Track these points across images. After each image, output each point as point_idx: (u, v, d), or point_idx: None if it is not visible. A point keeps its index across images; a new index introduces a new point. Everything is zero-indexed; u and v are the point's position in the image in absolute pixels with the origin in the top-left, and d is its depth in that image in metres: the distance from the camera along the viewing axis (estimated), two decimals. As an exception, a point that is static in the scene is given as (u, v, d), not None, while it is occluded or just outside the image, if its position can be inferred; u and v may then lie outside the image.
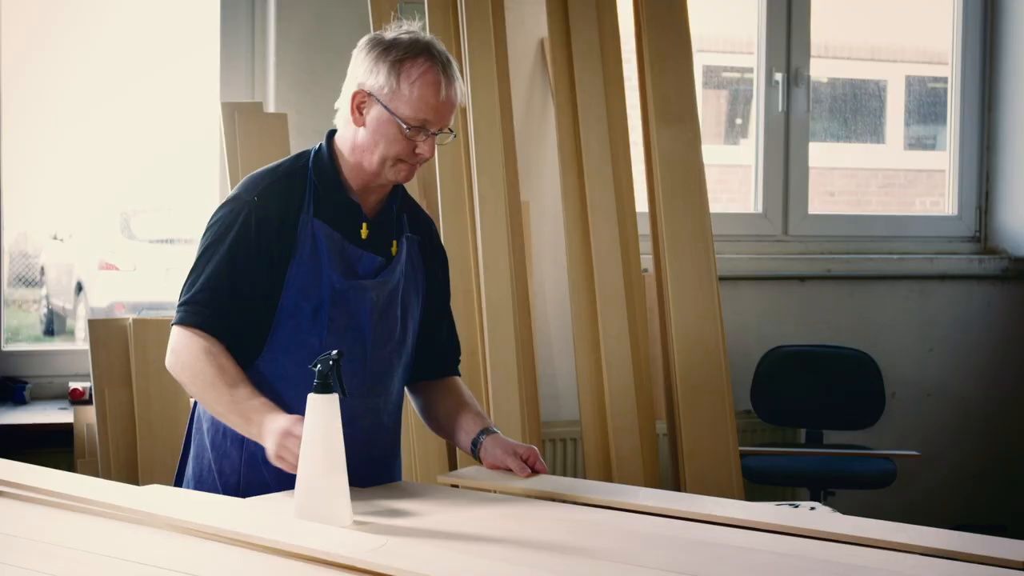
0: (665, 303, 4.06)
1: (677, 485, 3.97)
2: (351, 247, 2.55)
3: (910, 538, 2.14)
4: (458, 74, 2.54)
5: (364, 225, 2.59)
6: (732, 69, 5.31)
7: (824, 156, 5.20)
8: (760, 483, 4.33)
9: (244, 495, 2.49)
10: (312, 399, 2.18)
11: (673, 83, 4.12)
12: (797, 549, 2.08)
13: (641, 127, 4.18)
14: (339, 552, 1.96)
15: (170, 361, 2.50)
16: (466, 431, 2.67)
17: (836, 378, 4.66)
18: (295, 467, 2.25)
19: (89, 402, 3.91)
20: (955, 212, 5.30)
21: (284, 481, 2.52)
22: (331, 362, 2.17)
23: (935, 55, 5.53)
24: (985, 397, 5.17)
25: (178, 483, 2.69)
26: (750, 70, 5.05)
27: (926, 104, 5.49)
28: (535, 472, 2.57)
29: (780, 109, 4.95)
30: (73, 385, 4.04)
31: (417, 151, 2.50)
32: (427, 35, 2.56)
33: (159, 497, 2.32)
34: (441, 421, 2.75)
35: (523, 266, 3.99)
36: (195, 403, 2.68)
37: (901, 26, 5.45)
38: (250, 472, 2.56)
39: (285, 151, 3.96)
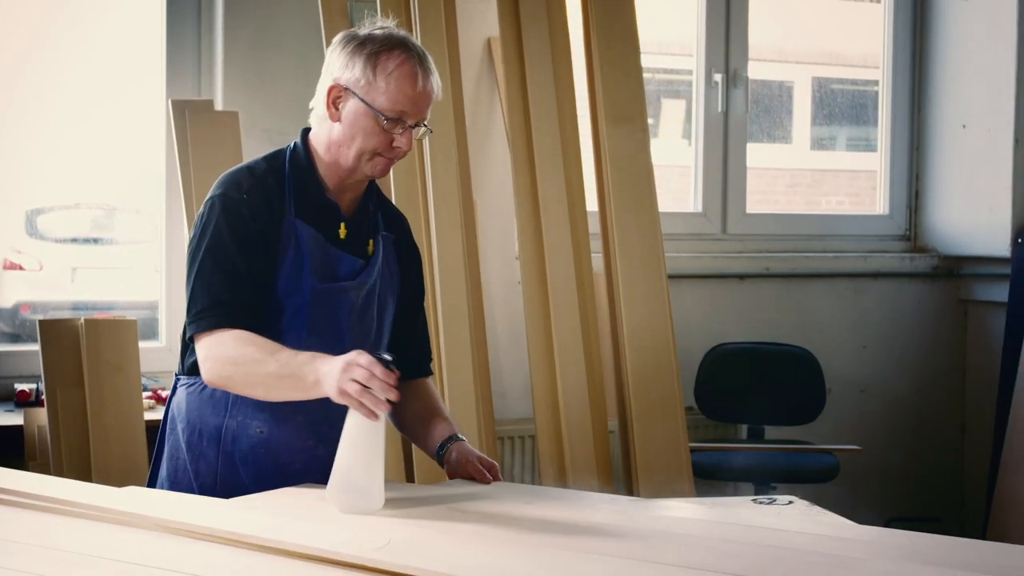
0: (616, 302, 4.09)
1: (629, 482, 4.01)
2: (332, 248, 2.55)
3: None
4: (434, 67, 2.54)
5: (343, 225, 2.58)
6: (663, 71, 5.36)
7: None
8: (705, 478, 4.38)
9: (220, 495, 2.47)
10: None
11: (622, 83, 4.15)
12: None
13: (591, 127, 4.21)
14: (344, 551, 1.97)
15: (207, 369, 2.44)
16: (433, 437, 2.67)
17: (778, 375, 4.74)
18: (361, 395, 2.24)
19: (37, 403, 3.85)
20: (886, 211, 5.41)
21: (261, 481, 2.52)
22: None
23: (842, 57, 5.65)
24: (916, 392, 5.29)
25: (151, 484, 2.66)
26: (681, 71, 5.12)
27: (832, 105, 5.61)
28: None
29: (720, 110, 5.01)
30: (20, 387, 3.97)
31: (395, 144, 2.50)
32: (402, 31, 2.56)
33: (148, 499, 2.30)
34: (407, 423, 2.75)
35: (476, 265, 4.00)
36: (169, 402, 2.66)
37: (808, 29, 5.54)
38: (227, 472, 2.55)
39: (237, 149, 3.93)
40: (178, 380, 2.64)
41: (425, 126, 2.54)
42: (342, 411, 2.52)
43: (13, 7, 4.24)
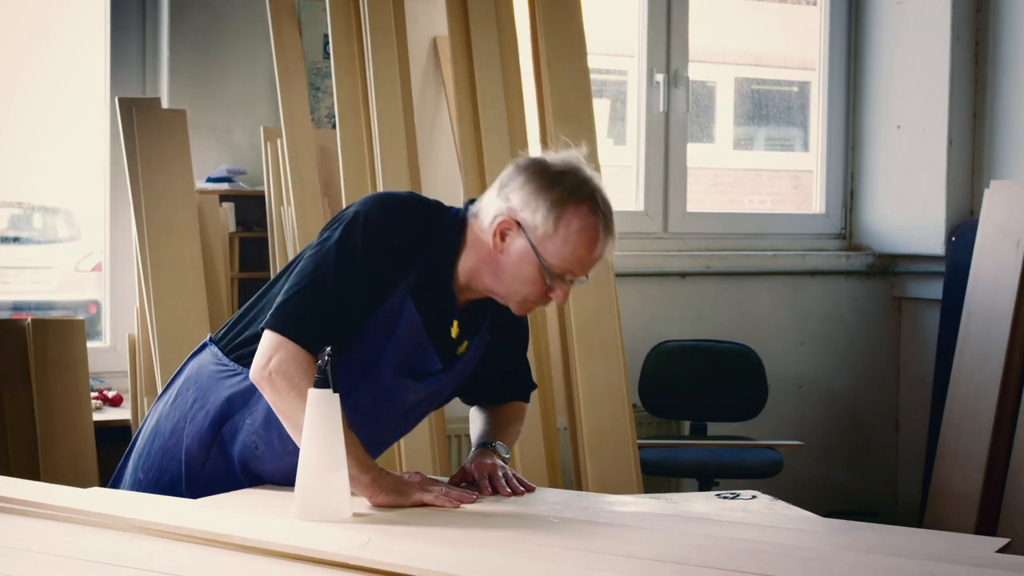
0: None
1: (578, 479, 4.04)
2: (423, 341, 2.38)
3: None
4: (615, 227, 2.36)
5: (455, 323, 2.40)
6: (601, 71, 5.41)
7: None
8: (651, 474, 4.42)
9: (205, 476, 2.46)
10: (312, 394, 2.18)
11: (570, 82, 4.18)
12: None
13: (538, 126, 4.23)
14: (326, 549, 1.97)
15: (272, 369, 2.27)
16: (489, 433, 2.59)
17: (721, 372, 4.80)
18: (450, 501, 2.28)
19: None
20: (823, 210, 5.50)
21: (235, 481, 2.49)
22: (327, 357, 2.17)
23: (763, 58, 5.75)
24: (852, 388, 5.39)
25: (128, 453, 2.61)
26: (608, 71, 5.17)
27: (754, 106, 5.71)
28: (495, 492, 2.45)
29: (661, 109, 5.06)
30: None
31: (550, 296, 2.36)
32: (590, 170, 2.37)
33: (120, 500, 2.28)
34: (484, 415, 2.66)
35: (426, 264, 4.00)
36: (186, 370, 2.54)
37: (732, 30, 5.62)
38: (217, 460, 2.48)
39: (186, 147, 3.91)
40: (207, 346, 2.51)
41: (584, 279, 2.38)
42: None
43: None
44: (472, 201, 2.43)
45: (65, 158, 4.43)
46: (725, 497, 2.58)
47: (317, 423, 2.22)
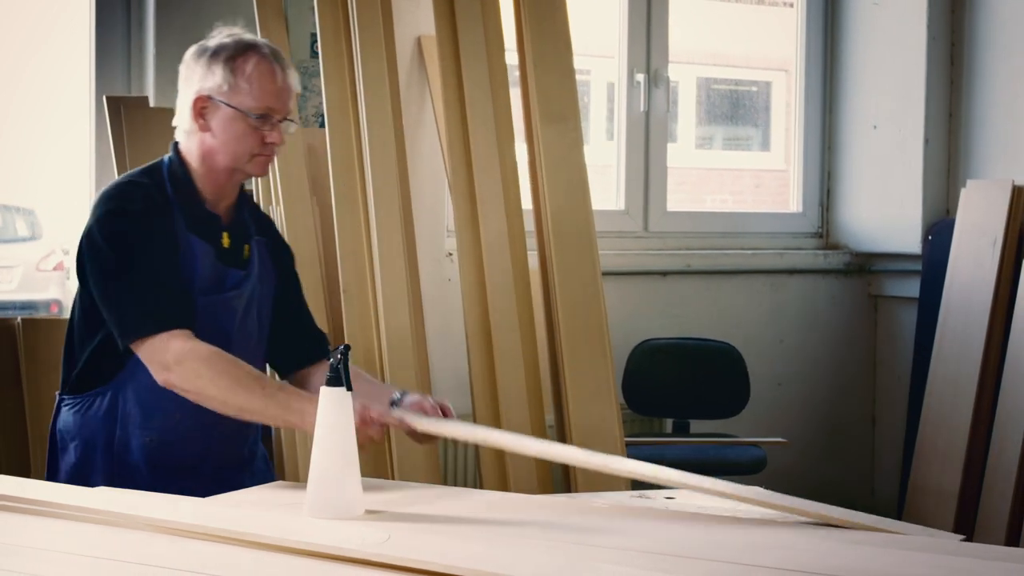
0: (552, 298, 4.14)
1: (567, 477, 4.06)
2: (219, 264, 2.62)
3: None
4: (289, 62, 2.68)
5: (225, 235, 2.66)
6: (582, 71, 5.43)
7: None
8: (636, 472, 4.46)
9: None
10: (325, 392, 2.20)
11: (556, 82, 4.19)
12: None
13: (524, 126, 4.24)
14: (347, 547, 1.98)
15: (178, 373, 2.47)
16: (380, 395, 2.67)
17: (704, 370, 4.83)
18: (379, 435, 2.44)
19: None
20: (799, 209, 5.55)
21: (159, 483, 2.53)
22: (340, 355, 2.18)
23: (726, 58, 5.80)
24: (829, 386, 5.44)
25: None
26: (580, 71, 5.19)
27: (715, 105, 5.77)
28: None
29: (642, 109, 5.09)
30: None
31: (267, 140, 2.61)
32: (249, 35, 2.70)
33: (140, 500, 2.28)
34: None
35: (415, 264, 4.02)
36: (54, 426, 2.68)
37: (695, 30, 5.66)
38: (125, 481, 2.55)
39: (174, 146, 3.89)
40: (62, 401, 2.68)
41: (292, 120, 2.65)
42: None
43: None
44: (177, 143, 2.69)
45: (35, 156, 4.40)
46: (728, 492, 2.60)
47: (329, 421, 2.24)
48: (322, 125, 4.08)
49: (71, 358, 2.67)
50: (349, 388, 2.23)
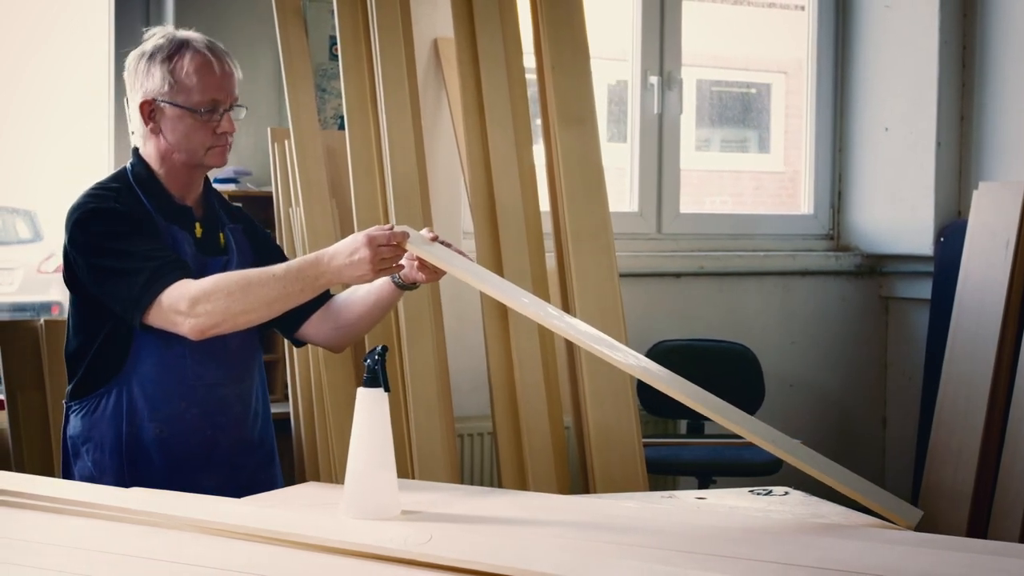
0: (569, 299, 4.16)
1: (585, 478, 4.08)
2: (199, 255, 2.66)
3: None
4: (225, 50, 2.70)
5: (197, 225, 2.70)
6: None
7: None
8: (651, 472, 4.46)
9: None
10: (361, 393, 2.21)
11: (573, 85, 4.21)
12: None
13: (542, 129, 4.26)
14: (391, 547, 1.99)
15: (200, 313, 2.48)
16: (380, 286, 2.77)
17: (719, 371, 4.85)
18: (396, 257, 2.48)
19: (-2, 406, 3.79)
20: (811, 211, 5.57)
21: (171, 479, 2.55)
22: (377, 356, 2.19)
23: (725, 60, 5.82)
24: (841, 387, 5.46)
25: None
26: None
27: (716, 108, 5.79)
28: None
29: (656, 111, 5.11)
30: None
31: (219, 131, 2.65)
32: (181, 31, 2.71)
33: (181, 501, 2.30)
34: (357, 312, 2.86)
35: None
36: (65, 434, 2.70)
37: (699, 33, 5.68)
38: (135, 479, 2.57)
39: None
40: (70, 408, 2.70)
41: (240, 106, 2.69)
42: (234, 399, 2.68)
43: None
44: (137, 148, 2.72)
45: (35, 157, 4.41)
46: (758, 494, 2.62)
47: (365, 421, 2.25)
48: (341, 127, 4.10)
49: (72, 366, 2.70)
50: (387, 389, 2.24)
